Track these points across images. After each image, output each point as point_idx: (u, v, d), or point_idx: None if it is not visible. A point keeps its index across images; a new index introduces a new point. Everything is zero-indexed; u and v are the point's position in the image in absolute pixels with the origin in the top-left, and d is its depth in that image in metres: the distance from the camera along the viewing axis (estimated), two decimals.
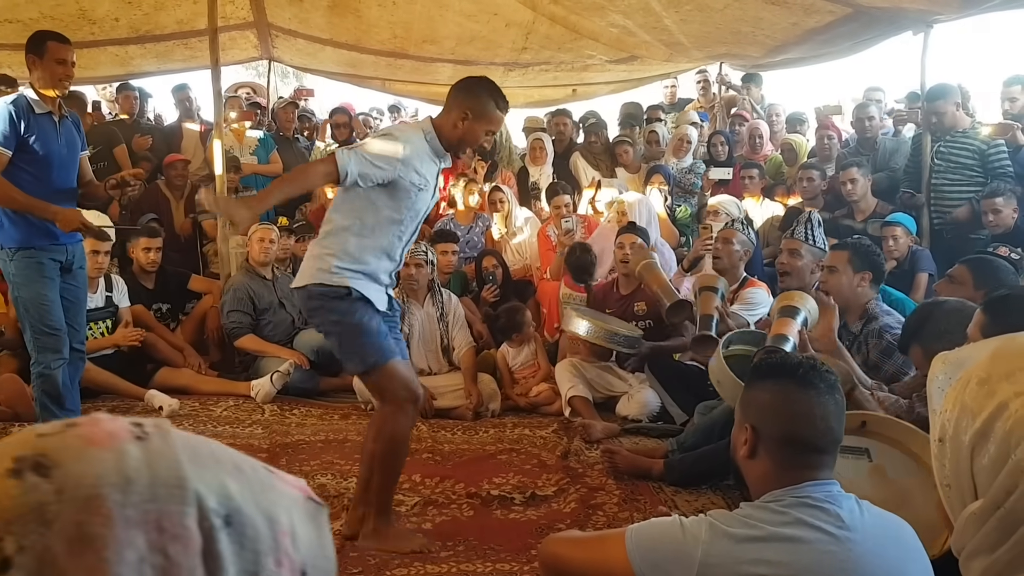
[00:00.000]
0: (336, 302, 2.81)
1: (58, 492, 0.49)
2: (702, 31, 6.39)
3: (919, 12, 5.27)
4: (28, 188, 3.60)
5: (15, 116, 3.57)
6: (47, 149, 3.67)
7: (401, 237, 2.93)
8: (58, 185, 3.73)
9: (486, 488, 3.48)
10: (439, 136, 2.92)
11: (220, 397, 4.91)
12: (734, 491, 3.30)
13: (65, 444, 0.51)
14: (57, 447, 0.51)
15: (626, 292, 4.80)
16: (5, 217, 3.64)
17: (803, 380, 1.62)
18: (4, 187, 3.55)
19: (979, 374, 0.87)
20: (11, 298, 3.72)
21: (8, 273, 3.69)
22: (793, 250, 4.04)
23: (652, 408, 4.43)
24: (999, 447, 0.82)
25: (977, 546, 0.86)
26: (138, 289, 5.40)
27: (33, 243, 3.66)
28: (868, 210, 5.68)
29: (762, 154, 6.98)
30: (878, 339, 3.32)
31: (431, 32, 6.95)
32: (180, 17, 6.64)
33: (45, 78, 3.65)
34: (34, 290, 3.66)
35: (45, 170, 3.67)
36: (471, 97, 2.92)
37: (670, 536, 1.62)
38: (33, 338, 3.71)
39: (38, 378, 3.74)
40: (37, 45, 3.66)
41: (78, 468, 0.50)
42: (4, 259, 3.67)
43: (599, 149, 7.11)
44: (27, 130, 3.59)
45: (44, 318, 3.69)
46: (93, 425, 0.53)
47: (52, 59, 3.64)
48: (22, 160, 3.60)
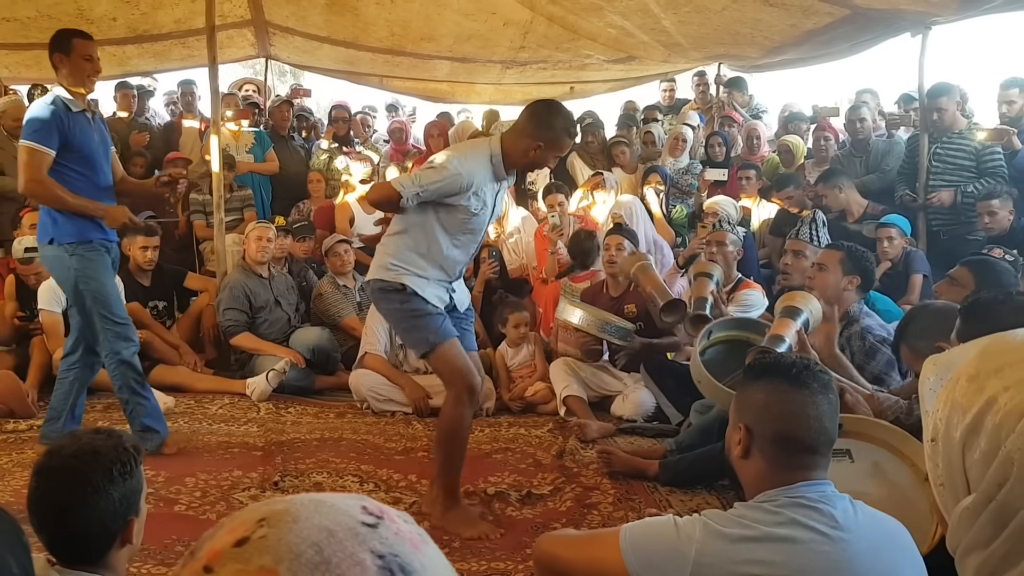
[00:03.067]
0: (393, 295, 3.09)
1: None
2: (700, 32, 6.40)
3: (917, 14, 5.27)
4: (75, 187, 3.61)
5: (56, 116, 3.57)
6: (88, 147, 3.68)
7: (457, 252, 3.14)
8: (100, 182, 3.75)
9: (482, 487, 3.48)
10: (505, 158, 3.09)
11: (216, 395, 4.91)
12: (729, 491, 3.30)
13: (401, 546, 0.56)
14: (400, 548, 0.56)
15: (616, 294, 4.80)
16: (58, 214, 3.64)
17: (797, 380, 1.62)
18: (53, 187, 3.57)
19: (968, 371, 0.87)
20: (73, 292, 3.71)
21: (68, 268, 3.65)
22: (798, 251, 4.04)
23: (647, 408, 4.43)
24: (989, 441, 0.82)
25: (971, 542, 0.86)
26: (134, 287, 5.39)
27: (90, 237, 3.68)
28: (859, 212, 5.67)
29: (759, 155, 6.99)
30: (860, 341, 3.32)
31: (429, 30, 6.95)
32: (178, 16, 6.64)
33: (74, 76, 3.65)
34: (100, 282, 3.69)
35: (88, 168, 3.68)
36: (547, 129, 3.05)
37: (664, 535, 1.62)
38: (103, 329, 3.71)
39: (118, 367, 3.74)
40: (63, 43, 3.66)
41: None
42: (62, 254, 3.64)
43: (596, 149, 7.12)
44: (68, 129, 3.59)
45: (113, 309, 3.72)
46: (393, 521, 0.58)
47: (79, 56, 3.64)
48: (66, 159, 3.60)
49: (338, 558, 0.52)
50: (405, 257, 3.07)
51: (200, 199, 6.44)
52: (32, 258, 5.10)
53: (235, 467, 3.70)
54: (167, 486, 3.43)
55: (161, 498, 3.28)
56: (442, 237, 3.08)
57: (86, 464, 1.65)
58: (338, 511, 0.56)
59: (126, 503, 1.68)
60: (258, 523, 0.55)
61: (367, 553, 0.53)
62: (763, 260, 5.81)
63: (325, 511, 0.56)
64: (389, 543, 0.55)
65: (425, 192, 2.96)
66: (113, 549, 1.68)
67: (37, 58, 7.32)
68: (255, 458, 3.87)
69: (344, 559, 0.52)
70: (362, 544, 0.54)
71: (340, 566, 0.52)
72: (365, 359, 4.79)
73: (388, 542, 0.55)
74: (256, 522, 0.55)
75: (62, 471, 1.65)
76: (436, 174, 2.97)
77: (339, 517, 0.55)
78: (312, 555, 0.52)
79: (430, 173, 2.99)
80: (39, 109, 3.58)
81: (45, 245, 3.68)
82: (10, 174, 6.07)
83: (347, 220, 6.21)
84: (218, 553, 0.53)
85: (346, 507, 0.57)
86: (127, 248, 5.54)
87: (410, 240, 3.08)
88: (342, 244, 5.62)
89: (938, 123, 5.51)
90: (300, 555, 0.52)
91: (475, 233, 3.16)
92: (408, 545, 0.56)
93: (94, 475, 1.64)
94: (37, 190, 3.60)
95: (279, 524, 0.54)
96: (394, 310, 3.13)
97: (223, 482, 3.52)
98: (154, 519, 2.17)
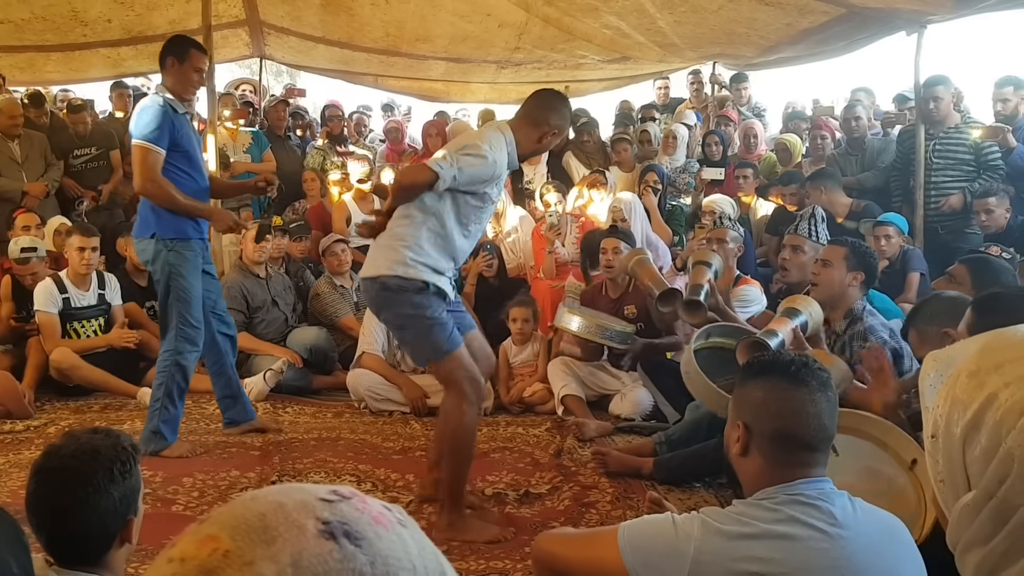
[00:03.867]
0: (412, 295, 2.86)
1: (372, 565, 0.53)
2: (696, 32, 6.40)
3: (912, 12, 5.28)
4: (180, 186, 3.70)
5: (166, 116, 3.64)
6: (191, 148, 3.78)
7: (466, 243, 3.01)
8: (201, 183, 3.84)
9: (480, 486, 3.48)
10: (517, 146, 2.99)
11: (212, 395, 4.88)
12: (727, 489, 3.30)
13: (357, 517, 0.55)
14: (353, 518, 0.55)
15: (615, 296, 4.80)
16: (161, 208, 3.70)
17: (795, 378, 1.62)
18: (167, 188, 3.64)
19: (969, 367, 0.87)
20: (163, 285, 3.79)
21: (164, 262, 3.73)
22: (796, 246, 4.05)
23: (645, 407, 4.43)
24: (990, 437, 0.82)
25: (972, 539, 0.86)
26: (131, 287, 5.39)
27: (188, 235, 3.76)
28: (844, 212, 5.66)
29: (756, 153, 7.00)
30: (863, 340, 3.32)
31: (424, 31, 6.95)
32: (173, 17, 6.63)
33: (181, 83, 3.76)
34: (187, 282, 3.76)
35: (192, 168, 3.78)
36: (559, 117, 3.03)
37: (662, 533, 1.62)
38: (176, 327, 3.77)
39: (172, 365, 3.78)
40: (180, 51, 3.76)
41: (380, 546, 0.54)
42: (161, 249, 3.72)
43: (592, 148, 7.12)
44: (176, 130, 3.68)
45: (191, 310, 3.78)
46: (363, 502, 0.57)
47: (191, 67, 3.76)
48: (172, 159, 3.68)
49: (278, 522, 0.53)
50: (423, 250, 2.87)
51: None
52: (28, 258, 5.10)
53: (232, 467, 3.69)
54: (165, 486, 3.43)
55: (159, 498, 3.27)
56: (456, 227, 2.92)
57: (86, 464, 1.65)
58: (301, 491, 0.57)
59: (125, 502, 1.68)
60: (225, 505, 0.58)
61: (311, 519, 0.54)
62: (760, 259, 5.82)
63: (288, 491, 0.57)
64: (342, 513, 0.55)
65: (461, 176, 2.80)
66: (112, 549, 1.67)
67: (31, 60, 7.32)
68: (253, 458, 3.86)
69: (283, 523, 0.53)
70: (308, 512, 0.54)
71: (278, 529, 0.53)
72: (363, 359, 4.79)
73: (341, 512, 0.55)
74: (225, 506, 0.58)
75: (62, 471, 1.65)
76: (476, 159, 2.83)
77: (297, 494, 0.56)
78: (254, 522, 0.54)
79: (469, 158, 2.82)
80: (150, 109, 3.64)
81: (145, 239, 3.76)
82: (6, 175, 6.06)
83: (344, 220, 6.20)
84: (184, 530, 0.56)
85: (313, 488, 0.58)
86: (123, 248, 5.54)
87: (425, 231, 2.88)
88: (339, 244, 5.62)
89: (934, 112, 5.52)
90: (242, 522, 0.54)
91: (483, 223, 3.08)
92: (367, 518, 0.56)
93: (94, 475, 1.64)
94: (153, 190, 3.65)
95: (237, 503, 0.56)
96: (405, 315, 2.89)
97: (220, 482, 3.52)
98: (151, 519, 2.17)
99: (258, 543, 0.52)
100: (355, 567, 0.52)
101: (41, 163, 6.24)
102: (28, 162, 6.16)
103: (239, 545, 0.52)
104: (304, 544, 0.52)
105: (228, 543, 0.53)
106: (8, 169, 6.08)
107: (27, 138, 6.21)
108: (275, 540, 0.53)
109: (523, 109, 3.08)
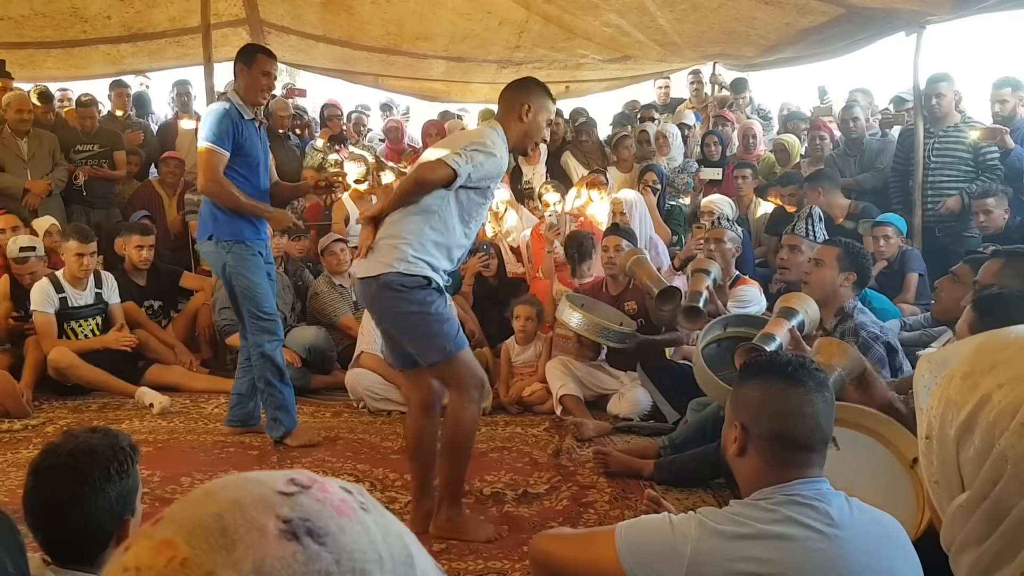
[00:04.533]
0: (416, 292, 2.80)
1: (338, 563, 0.51)
2: (696, 31, 6.41)
3: (912, 13, 5.29)
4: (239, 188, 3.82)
5: (232, 121, 3.78)
6: (253, 153, 3.90)
7: (466, 241, 2.98)
8: (261, 187, 3.97)
9: (478, 486, 3.48)
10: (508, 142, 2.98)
11: (211, 395, 4.91)
12: (724, 489, 3.31)
13: (318, 511, 0.53)
14: (315, 512, 0.53)
15: (615, 293, 4.80)
16: (220, 212, 3.84)
17: (792, 378, 1.62)
18: (229, 188, 3.79)
19: (963, 369, 0.87)
20: (227, 286, 3.96)
21: (224, 264, 3.89)
22: (793, 246, 4.06)
23: (643, 407, 4.43)
24: (983, 438, 0.82)
25: (965, 540, 0.86)
26: (129, 286, 5.38)
27: (246, 237, 3.89)
28: (842, 213, 5.66)
29: (755, 154, 7.00)
30: (854, 337, 3.33)
31: (424, 29, 6.95)
32: (173, 15, 6.63)
33: (250, 88, 3.88)
34: (251, 279, 3.90)
35: (251, 173, 3.90)
36: (528, 93, 3.00)
37: (659, 534, 1.62)
38: (250, 323, 3.95)
39: (259, 358, 3.96)
40: (248, 56, 3.90)
41: (345, 540, 0.52)
42: (220, 251, 3.87)
43: (591, 148, 7.12)
44: (240, 135, 3.81)
45: (261, 305, 3.94)
46: (323, 490, 0.55)
47: (259, 71, 3.87)
48: (235, 163, 3.82)
49: (236, 524, 0.51)
50: (424, 248, 2.81)
51: (196, 199, 6.42)
52: (27, 258, 5.10)
53: (230, 466, 3.69)
54: (163, 486, 3.43)
55: (157, 497, 3.27)
56: (457, 224, 2.88)
57: (83, 463, 1.65)
58: (257, 483, 0.55)
59: (123, 502, 1.68)
60: (179, 503, 0.55)
61: (271, 518, 0.51)
62: (759, 259, 5.82)
63: (243, 484, 0.55)
64: (302, 508, 0.53)
65: (476, 173, 2.78)
66: (109, 549, 1.67)
67: (31, 56, 7.32)
68: (251, 457, 3.86)
69: (243, 525, 0.51)
70: (268, 511, 0.52)
71: (237, 532, 0.51)
72: (361, 358, 4.79)
73: (301, 507, 0.53)
74: (178, 502, 0.56)
75: (59, 470, 1.65)
76: (487, 156, 2.81)
77: (254, 488, 0.54)
78: (211, 524, 0.51)
79: (481, 155, 2.80)
80: (218, 113, 3.79)
81: (204, 241, 3.93)
82: (10, 171, 6.05)
83: (343, 219, 6.20)
84: (138, 533, 0.54)
85: (269, 479, 0.55)
86: (121, 248, 5.54)
87: (428, 228, 2.82)
88: (338, 243, 5.61)
89: (936, 109, 5.52)
90: (199, 525, 0.51)
91: (481, 219, 3.06)
92: (328, 510, 0.53)
93: (91, 474, 1.64)
94: (215, 189, 3.79)
95: (192, 500, 0.54)
96: (408, 312, 2.81)
97: None
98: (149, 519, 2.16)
99: (217, 549, 0.50)
100: (320, 568, 0.50)
101: (48, 162, 6.24)
102: (35, 160, 6.16)
103: (197, 552, 0.50)
104: (266, 548, 0.50)
105: (185, 550, 0.50)
106: (13, 166, 6.08)
107: (36, 136, 6.23)
108: (235, 545, 0.50)
109: (500, 106, 3.06)
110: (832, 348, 2.81)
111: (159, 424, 4.39)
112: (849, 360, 2.72)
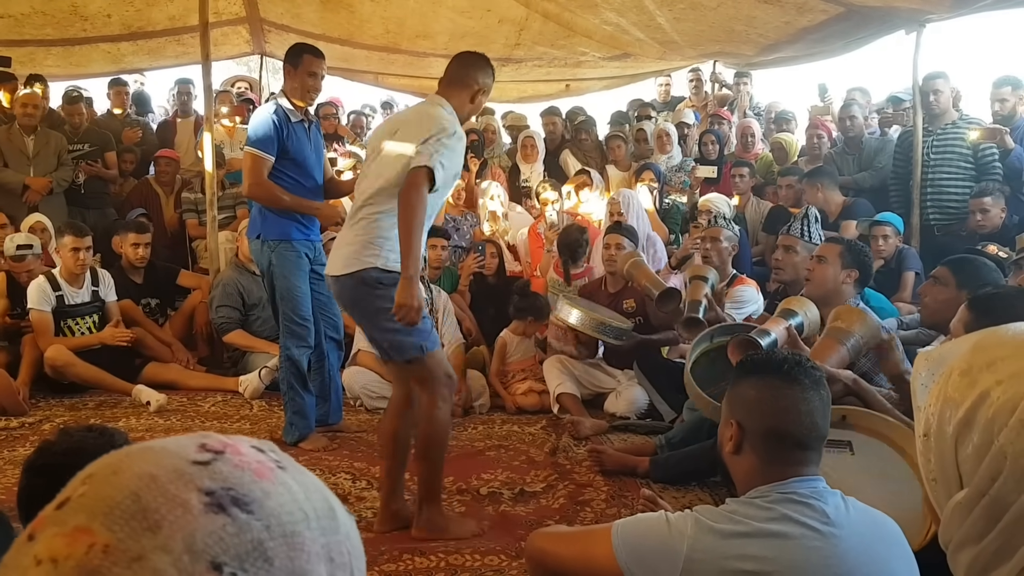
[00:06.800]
0: (391, 288, 2.74)
1: (268, 529, 0.49)
2: (695, 29, 6.40)
3: (911, 11, 5.29)
4: (286, 189, 3.86)
5: (277, 125, 3.80)
6: (302, 155, 3.91)
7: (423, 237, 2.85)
8: (310, 186, 3.97)
9: (475, 484, 3.48)
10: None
11: (208, 392, 4.89)
12: (721, 487, 3.31)
13: (239, 477, 0.51)
14: (236, 480, 0.51)
15: (614, 290, 4.80)
16: (269, 212, 3.88)
17: (788, 376, 1.62)
18: (272, 189, 3.82)
19: (961, 366, 0.87)
20: (270, 284, 3.97)
21: (268, 263, 3.90)
22: (788, 246, 4.05)
23: (640, 405, 4.43)
24: (982, 435, 0.82)
25: (964, 537, 0.85)
26: (126, 284, 5.37)
27: (292, 236, 3.89)
28: (837, 210, 5.65)
29: (753, 152, 6.99)
30: None
31: (424, 28, 6.94)
32: (172, 13, 6.62)
33: (297, 88, 3.89)
34: (291, 281, 3.90)
35: (300, 173, 3.92)
36: (483, 73, 2.96)
37: (656, 531, 1.61)
38: (284, 325, 3.95)
39: (285, 360, 3.96)
40: (294, 57, 3.90)
41: (271, 504, 0.50)
42: (266, 250, 3.89)
43: (589, 146, 7.12)
44: (287, 138, 3.83)
45: (296, 308, 3.91)
46: (237, 453, 0.53)
47: (305, 71, 3.86)
48: (282, 165, 3.84)
49: (157, 503, 0.48)
50: (395, 243, 2.75)
51: (192, 197, 6.42)
52: (24, 256, 5.09)
53: None
54: None
55: None
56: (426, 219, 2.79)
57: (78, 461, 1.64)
58: (167, 454, 0.51)
59: None
60: (82, 481, 0.51)
61: (193, 492, 0.49)
62: (757, 257, 5.82)
63: (151, 456, 0.51)
64: (222, 477, 0.50)
65: (447, 170, 2.72)
66: None
67: (31, 54, 7.31)
68: None
69: (164, 503, 0.48)
70: (188, 484, 0.49)
71: (159, 511, 0.48)
72: (358, 356, 4.78)
73: (221, 476, 0.50)
74: (81, 481, 0.52)
75: (53, 467, 1.64)
76: (451, 152, 2.75)
77: (166, 460, 0.51)
78: (129, 504, 0.48)
79: (446, 151, 2.72)
80: (263, 119, 3.83)
81: (253, 240, 3.97)
82: (13, 167, 6.05)
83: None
84: (42, 520, 0.50)
85: (178, 448, 0.52)
86: (118, 246, 5.53)
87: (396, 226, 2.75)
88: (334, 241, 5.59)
89: (934, 106, 5.53)
90: (115, 507, 0.48)
91: (437, 207, 2.98)
92: (249, 475, 0.51)
93: None
94: (258, 192, 3.85)
95: (99, 479, 0.51)
96: (384, 308, 2.76)
97: None
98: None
99: (141, 532, 0.47)
100: (252, 536, 0.48)
101: (53, 161, 6.23)
102: (39, 158, 6.16)
103: (120, 537, 0.47)
104: (193, 524, 0.47)
105: (105, 536, 0.47)
106: (16, 162, 6.07)
107: (44, 135, 6.23)
108: (160, 525, 0.47)
109: (448, 75, 2.96)
110: (852, 315, 2.84)
111: (156, 422, 4.38)
112: (867, 327, 2.73)
